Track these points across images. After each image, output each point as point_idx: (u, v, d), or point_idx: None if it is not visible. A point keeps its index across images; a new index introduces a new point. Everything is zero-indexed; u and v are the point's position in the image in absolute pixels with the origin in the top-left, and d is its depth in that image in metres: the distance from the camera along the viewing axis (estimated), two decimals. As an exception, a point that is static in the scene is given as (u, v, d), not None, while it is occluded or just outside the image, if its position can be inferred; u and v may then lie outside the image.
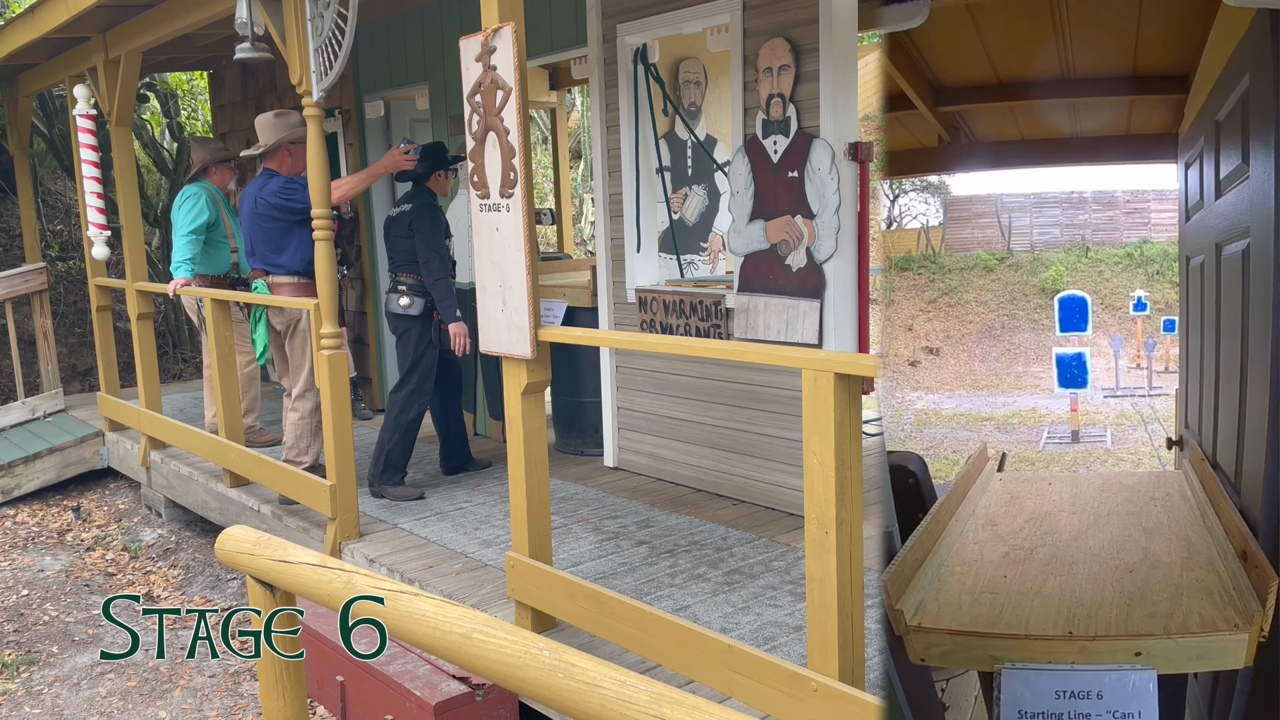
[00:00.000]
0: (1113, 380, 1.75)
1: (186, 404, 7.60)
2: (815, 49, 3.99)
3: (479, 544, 4.27)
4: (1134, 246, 1.62)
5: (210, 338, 5.30)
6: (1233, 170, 1.72)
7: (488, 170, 3.24)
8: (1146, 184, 1.59)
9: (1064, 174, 1.53)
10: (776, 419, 4.38)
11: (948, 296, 1.73)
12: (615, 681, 1.14)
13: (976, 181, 1.73)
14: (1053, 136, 1.89)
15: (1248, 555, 1.64)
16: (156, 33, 5.34)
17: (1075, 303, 1.73)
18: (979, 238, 1.68)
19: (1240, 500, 1.76)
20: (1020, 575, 1.91)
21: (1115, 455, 2.00)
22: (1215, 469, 1.99)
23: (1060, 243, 1.64)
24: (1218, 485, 1.93)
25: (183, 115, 11.25)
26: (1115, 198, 1.62)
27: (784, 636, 3.24)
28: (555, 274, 6.17)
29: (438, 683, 3.03)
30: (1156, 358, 1.69)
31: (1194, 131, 1.93)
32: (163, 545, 6.10)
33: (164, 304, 9.55)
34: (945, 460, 1.79)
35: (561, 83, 7.38)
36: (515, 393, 3.31)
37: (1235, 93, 1.70)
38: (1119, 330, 1.68)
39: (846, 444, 2.42)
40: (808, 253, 4.12)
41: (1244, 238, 1.68)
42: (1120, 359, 1.73)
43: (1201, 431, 2.10)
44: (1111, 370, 1.72)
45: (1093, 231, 1.65)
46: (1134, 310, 1.68)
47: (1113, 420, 1.81)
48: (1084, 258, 1.63)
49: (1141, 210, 1.64)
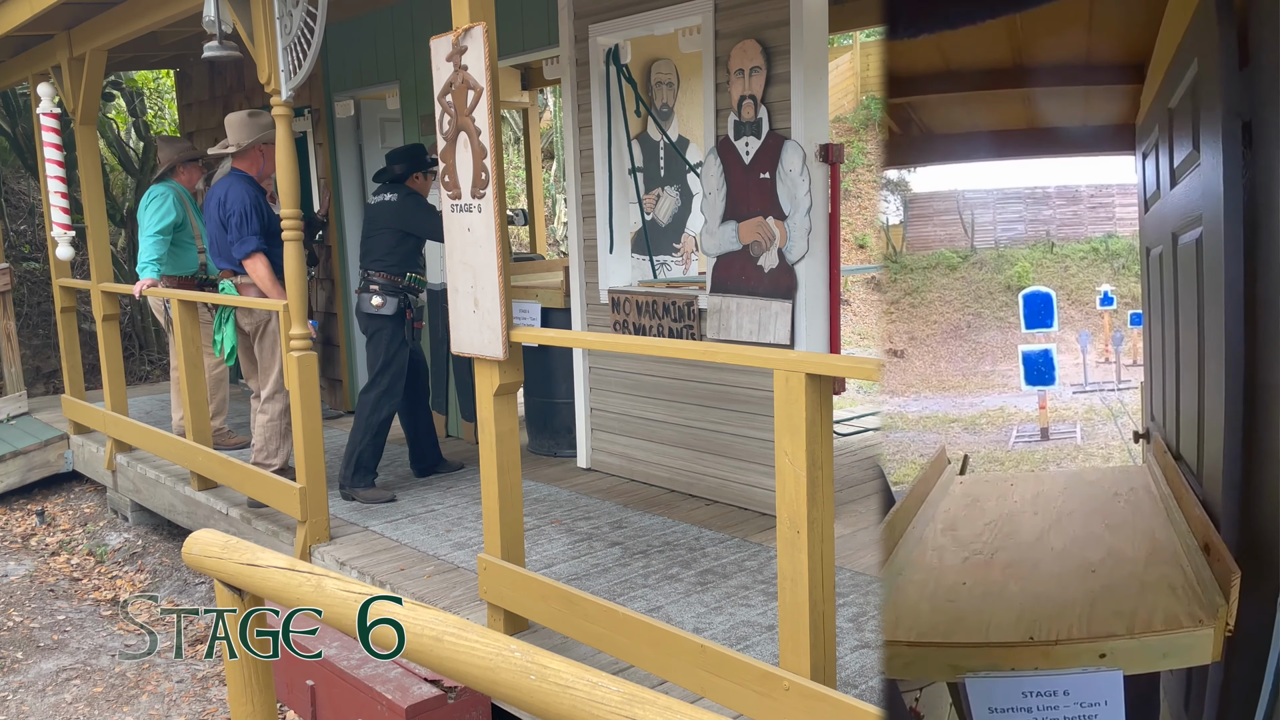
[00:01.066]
0: (1081, 376, 1.76)
1: (153, 406, 7.51)
2: (786, 51, 4.01)
3: (451, 546, 4.25)
4: (1099, 241, 1.64)
5: (177, 339, 5.24)
6: (1185, 158, 1.71)
7: (459, 170, 3.23)
8: (1110, 178, 1.61)
9: (1026, 169, 1.54)
10: (749, 419, 4.40)
11: (910, 297, 1.73)
12: (587, 683, 1.14)
13: (937, 178, 1.74)
14: (1008, 128, 1.86)
15: (1210, 548, 1.62)
16: (122, 30, 5.27)
17: (1040, 299, 1.73)
18: (941, 235, 1.68)
19: (1202, 491, 1.75)
20: (981, 580, 1.85)
21: (1086, 451, 1.96)
22: (1178, 460, 1.96)
23: (1024, 239, 1.65)
24: (1180, 477, 1.91)
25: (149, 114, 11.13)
26: (1079, 192, 1.64)
27: (757, 636, 3.25)
28: (528, 275, 6.16)
29: (409, 686, 3.02)
30: (1124, 351, 1.71)
31: (1149, 121, 1.92)
32: (129, 549, 6.02)
33: (130, 305, 9.43)
34: (912, 465, 1.79)
35: (534, 83, 7.36)
36: (487, 394, 3.30)
37: (1185, 79, 1.69)
38: (1086, 325, 1.70)
39: (818, 444, 2.43)
40: (779, 254, 4.14)
41: (1197, 226, 1.67)
42: (1088, 354, 1.74)
43: (1165, 423, 2.02)
44: (1079, 366, 1.73)
45: (1057, 227, 1.67)
46: (1100, 305, 1.69)
47: (1082, 416, 1.81)
48: (1049, 254, 1.65)
49: (1106, 205, 1.66)
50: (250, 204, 4.80)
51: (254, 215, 4.78)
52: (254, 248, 4.76)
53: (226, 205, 4.82)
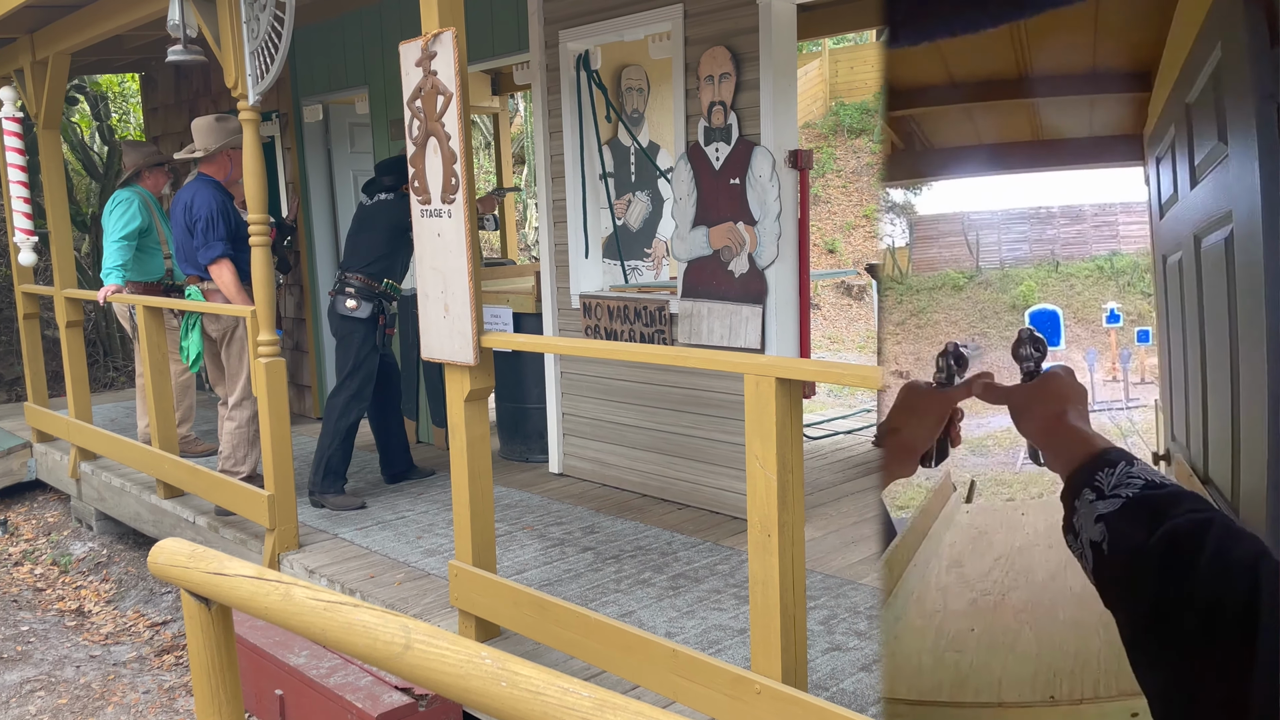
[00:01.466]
0: (1090, 395, 1.75)
1: (118, 414, 7.41)
2: (756, 58, 4.04)
3: (422, 553, 4.23)
4: (1104, 259, 1.65)
5: (142, 345, 5.18)
6: (1208, 154, 1.62)
7: (429, 176, 3.22)
8: (1113, 197, 1.63)
9: (1030, 189, 1.55)
10: (721, 423, 4.41)
11: (916, 318, 1.74)
12: (558, 689, 1.14)
13: (942, 200, 1.76)
14: (1012, 140, 1.82)
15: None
16: (86, 34, 5.21)
17: (1046, 317, 1.72)
18: (946, 256, 1.69)
19: (1239, 520, 1.57)
20: (990, 626, 1.67)
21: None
22: (1207, 484, 1.79)
23: (1029, 259, 1.66)
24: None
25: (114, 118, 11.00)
26: (1083, 211, 1.66)
27: (728, 640, 3.26)
28: (499, 280, 6.15)
29: (380, 694, 3.00)
30: (1132, 369, 1.71)
31: (1162, 124, 1.85)
32: (94, 559, 5.93)
33: (94, 311, 9.31)
34: (918, 489, 1.75)
35: (504, 88, 7.35)
36: (458, 399, 3.29)
37: (1206, 69, 1.61)
38: (1093, 344, 1.70)
39: (788, 447, 2.45)
40: (750, 259, 4.16)
41: (1225, 224, 1.57)
42: (1096, 372, 1.74)
43: (1190, 444, 1.87)
44: (1087, 385, 1.73)
45: (1061, 246, 1.68)
46: (1107, 323, 1.69)
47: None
48: (1054, 273, 1.66)
49: (1110, 223, 1.68)
50: (217, 209, 4.75)
51: (220, 221, 4.74)
52: (220, 253, 4.71)
53: (193, 210, 4.77)
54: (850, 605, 3.48)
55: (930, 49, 1.53)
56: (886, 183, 1.86)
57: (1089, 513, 0.94)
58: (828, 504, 4.67)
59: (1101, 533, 0.92)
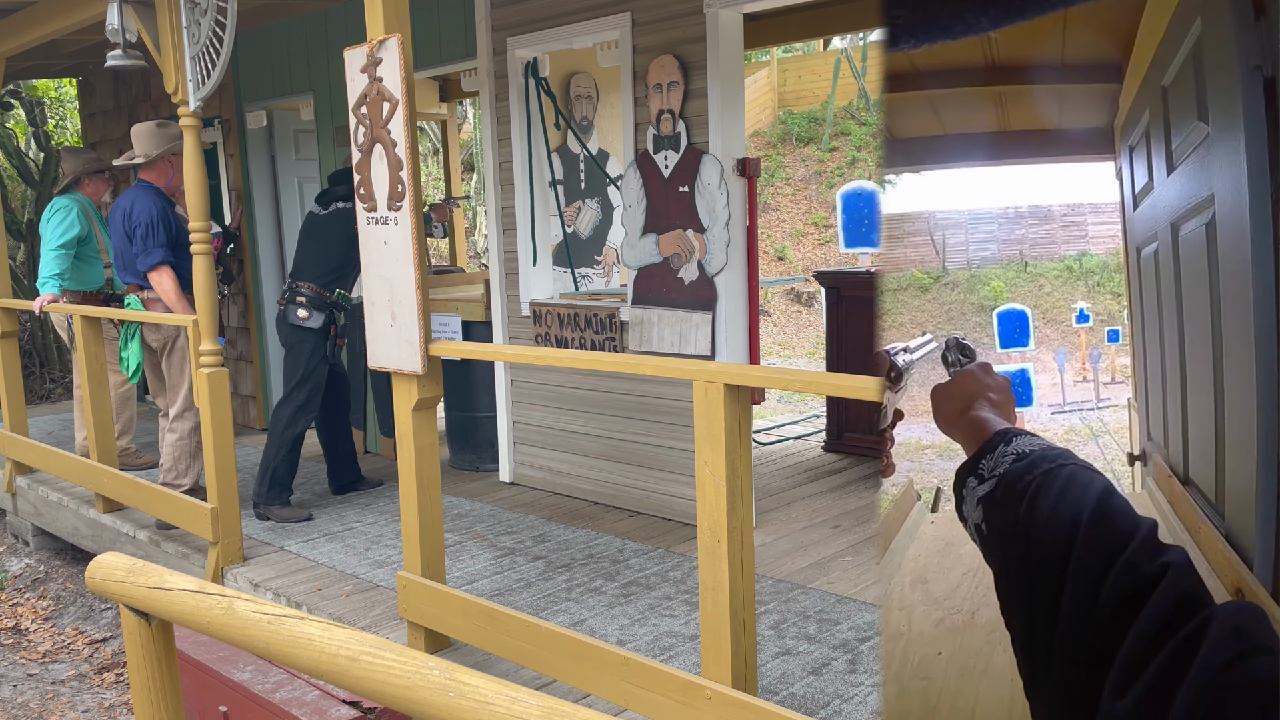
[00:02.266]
0: (1059, 395, 1.73)
1: (55, 426, 7.23)
2: (703, 66, 4.06)
3: (370, 564, 4.18)
4: (1073, 259, 1.65)
5: (80, 356, 5.06)
6: (1187, 136, 1.49)
7: (375, 183, 3.19)
8: (1082, 197, 1.62)
9: (998, 188, 1.54)
10: (671, 430, 4.42)
11: (882, 320, 1.71)
12: (507, 698, 1.13)
13: (907, 199, 1.74)
14: (977, 131, 1.74)
15: (1242, 593, 1.34)
16: (21, 38, 5.08)
17: (1015, 317, 1.71)
18: (912, 257, 1.68)
19: (1224, 524, 1.47)
20: (960, 648, 1.51)
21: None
22: (1188, 485, 1.67)
23: (997, 259, 1.65)
24: (1193, 507, 1.61)
25: (50, 124, 10.75)
26: (1051, 212, 1.65)
27: (680, 646, 3.27)
28: (448, 288, 6.10)
29: (327, 708, 2.95)
30: (1103, 369, 1.71)
31: (1135, 111, 1.65)
32: (31, 575, 5.77)
33: (30, 322, 9.08)
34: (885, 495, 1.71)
35: (452, 94, 7.32)
36: (406, 409, 3.26)
37: (1184, 48, 1.47)
38: (1062, 344, 1.69)
39: (737, 453, 2.46)
40: (699, 266, 4.18)
41: (1206, 209, 1.43)
42: (1065, 373, 1.73)
43: (1168, 444, 1.74)
44: (1057, 385, 1.71)
45: (1030, 246, 1.67)
46: (1076, 322, 1.68)
47: (1062, 436, 1.77)
48: (1022, 273, 1.66)
49: (1078, 223, 1.68)
50: (157, 215, 4.67)
51: (160, 227, 4.66)
52: (159, 260, 4.62)
53: (132, 217, 4.68)
54: (800, 610, 3.51)
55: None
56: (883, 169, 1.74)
57: (971, 498, 0.95)
58: (778, 509, 4.70)
59: (980, 516, 0.92)
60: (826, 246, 13.48)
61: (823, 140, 14.72)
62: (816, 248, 13.65)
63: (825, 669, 3.07)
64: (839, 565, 3.92)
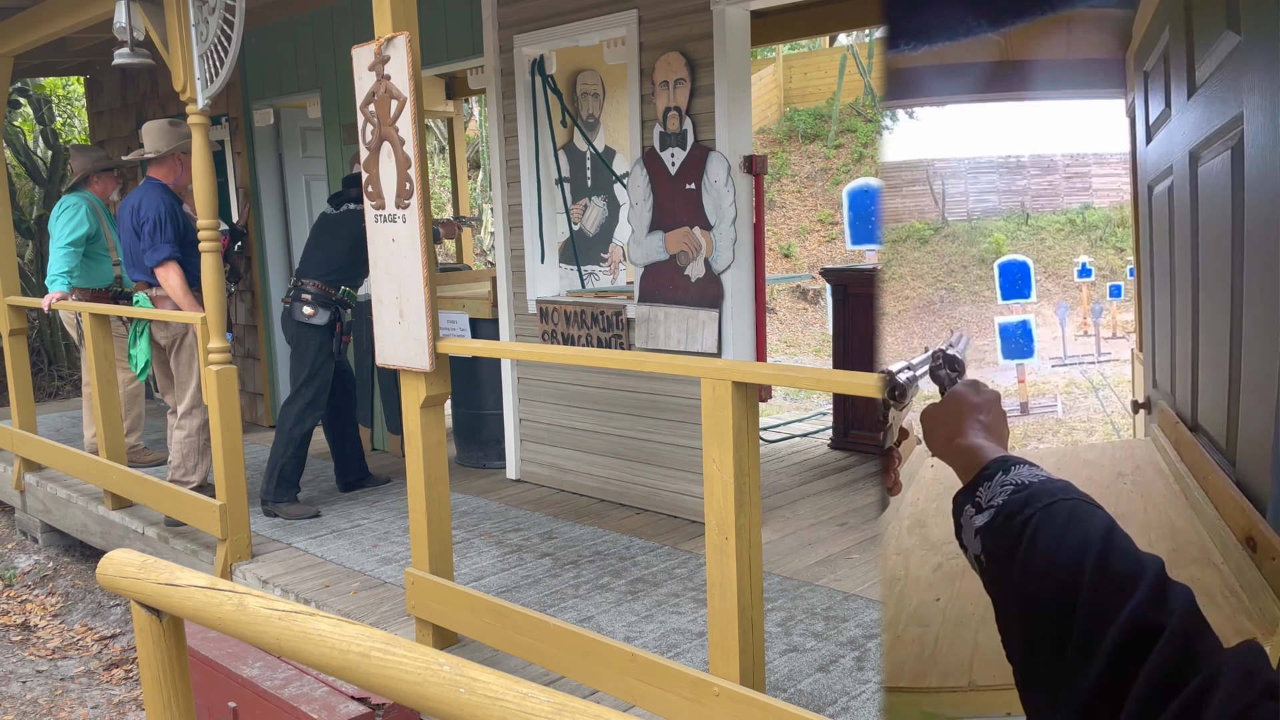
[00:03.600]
0: (1060, 349, 1.71)
1: (64, 424, 7.25)
2: (710, 63, 4.06)
3: (378, 561, 4.19)
4: (1075, 212, 1.61)
5: (89, 354, 5.07)
6: (1214, 48, 1.34)
7: (383, 180, 3.19)
8: (1087, 145, 1.58)
9: (999, 135, 1.50)
10: (678, 427, 4.43)
11: (881, 271, 1.69)
12: (517, 694, 1.13)
13: (906, 145, 1.70)
14: (977, 60, 1.58)
15: (1256, 542, 1.27)
16: (29, 36, 5.10)
17: (1016, 268, 1.68)
18: (911, 207, 1.65)
19: (1236, 471, 1.38)
20: (957, 595, 1.47)
21: (1068, 425, 1.76)
22: (1196, 432, 1.57)
23: (998, 210, 1.62)
24: (1202, 453, 1.53)
25: (58, 122, 10.79)
26: (1054, 161, 1.61)
27: (687, 643, 3.27)
28: (455, 285, 6.11)
29: (336, 704, 2.96)
30: (1104, 324, 1.69)
31: (1153, 31, 1.56)
32: (40, 572, 5.80)
33: (39, 319, 9.11)
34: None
35: (458, 92, 7.32)
36: (414, 406, 3.27)
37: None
38: (1064, 298, 1.67)
39: (744, 451, 2.46)
40: (706, 263, 4.18)
41: (1228, 135, 1.30)
42: (1067, 327, 1.71)
43: (1175, 390, 1.66)
44: (1058, 339, 1.69)
45: (1032, 198, 1.64)
46: (1079, 277, 1.66)
47: (1062, 389, 1.75)
48: (1024, 225, 1.62)
49: (1082, 174, 1.64)
50: (165, 212, 4.68)
51: (168, 223, 4.67)
52: (166, 255, 4.64)
53: (140, 213, 4.69)
54: (807, 607, 3.51)
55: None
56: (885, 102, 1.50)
57: (970, 528, 0.94)
58: (784, 506, 4.70)
59: (980, 547, 0.92)
60: (832, 244, 13.47)
61: (829, 137, 14.70)
62: (822, 245, 13.64)
63: (833, 666, 3.07)
64: (846, 562, 3.92)
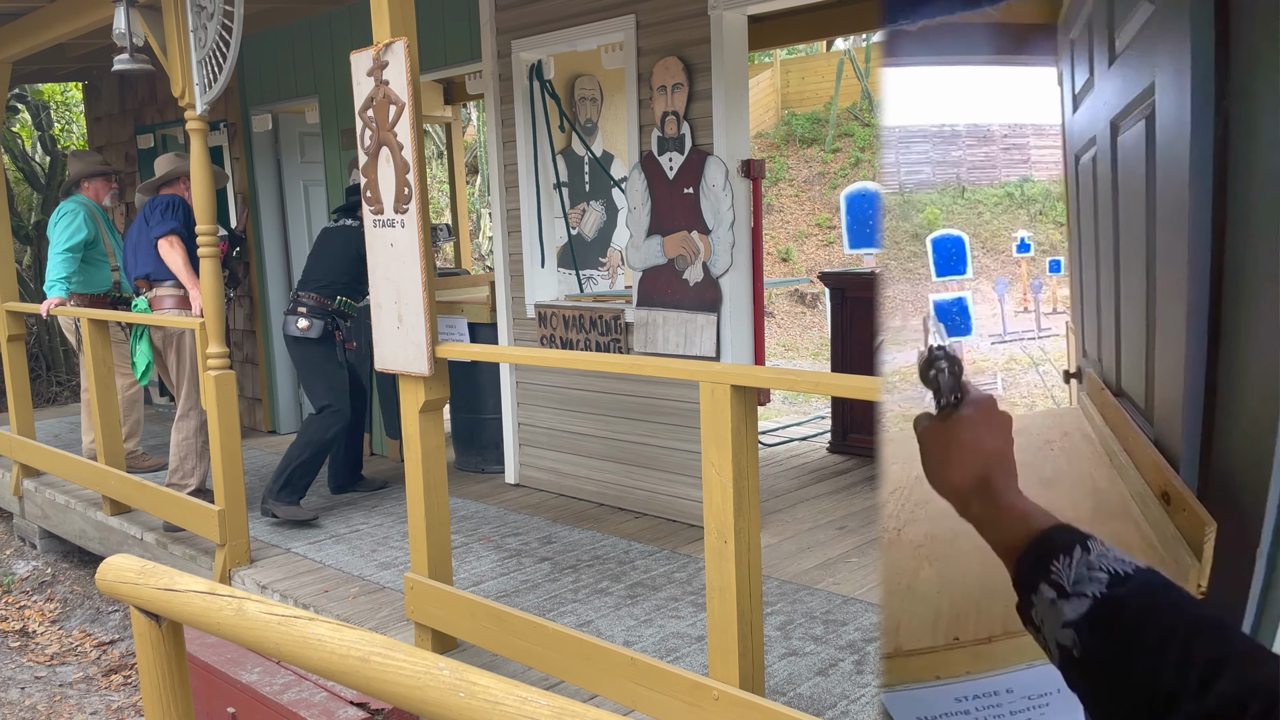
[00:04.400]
0: (999, 325, 1.69)
1: (62, 429, 7.25)
2: (708, 68, 4.07)
3: (377, 566, 4.19)
4: (1014, 186, 1.59)
5: (87, 359, 5.08)
6: (1132, 15, 1.35)
7: (381, 186, 3.20)
8: (1024, 118, 1.54)
9: (932, 105, 1.45)
10: (677, 431, 4.43)
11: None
12: (517, 698, 1.13)
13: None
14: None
15: (1170, 496, 1.32)
16: (28, 42, 5.10)
17: (951, 242, 1.65)
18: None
19: (1154, 431, 1.42)
20: (887, 565, 1.48)
21: (1008, 401, 1.72)
22: (1120, 397, 1.60)
23: (932, 183, 1.58)
24: (1124, 415, 1.56)
25: (56, 128, 10.79)
26: (991, 132, 1.58)
27: (686, 647, 3.27)
28: (453, 290, 6.11)
29: (335, 709, 2.96)
30: (1044, 299, 1.68)
31: (1077, 0, 1.55)
32: (38, 578, 5.79)
33: (37, 325, 9.11)
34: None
35: (456, 97, 7.33)
36: (413, 410, 3.27)
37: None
38: (1002, 274, 1.64)
39: (743, 455, 2.46)
40: (704, 267, 4.19)
41: (1146, 101, 1.31)
42: (1006, 303, 1.68)
43: (1101, 358, 1.69)
44: (997, 315, 1.67)
45: (968, 170, 1.61)
46: (1017, 252, 1.64)
47: (1002, 366, 1.72)
48: (960, 198, 1.59)
49: (1020, 145, 1.62)
50: (179, 202, 4.86)
51: (180, 210, 4.90)
52: (171, 228, 4.76)
53: (154, 203, 4.89)
54: (806, 610, 3.51)
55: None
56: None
57: (1054, 615, 0.86)
58: (783, 510, 4.70)
59: (1072, 639, 0.84)
60: (830, 247, 13.48)
61: (826, 141, 14.72)
62: (820, 249, 13.65)
63: (832, 670, 3.07)
64: (845, 566, 3.92)
